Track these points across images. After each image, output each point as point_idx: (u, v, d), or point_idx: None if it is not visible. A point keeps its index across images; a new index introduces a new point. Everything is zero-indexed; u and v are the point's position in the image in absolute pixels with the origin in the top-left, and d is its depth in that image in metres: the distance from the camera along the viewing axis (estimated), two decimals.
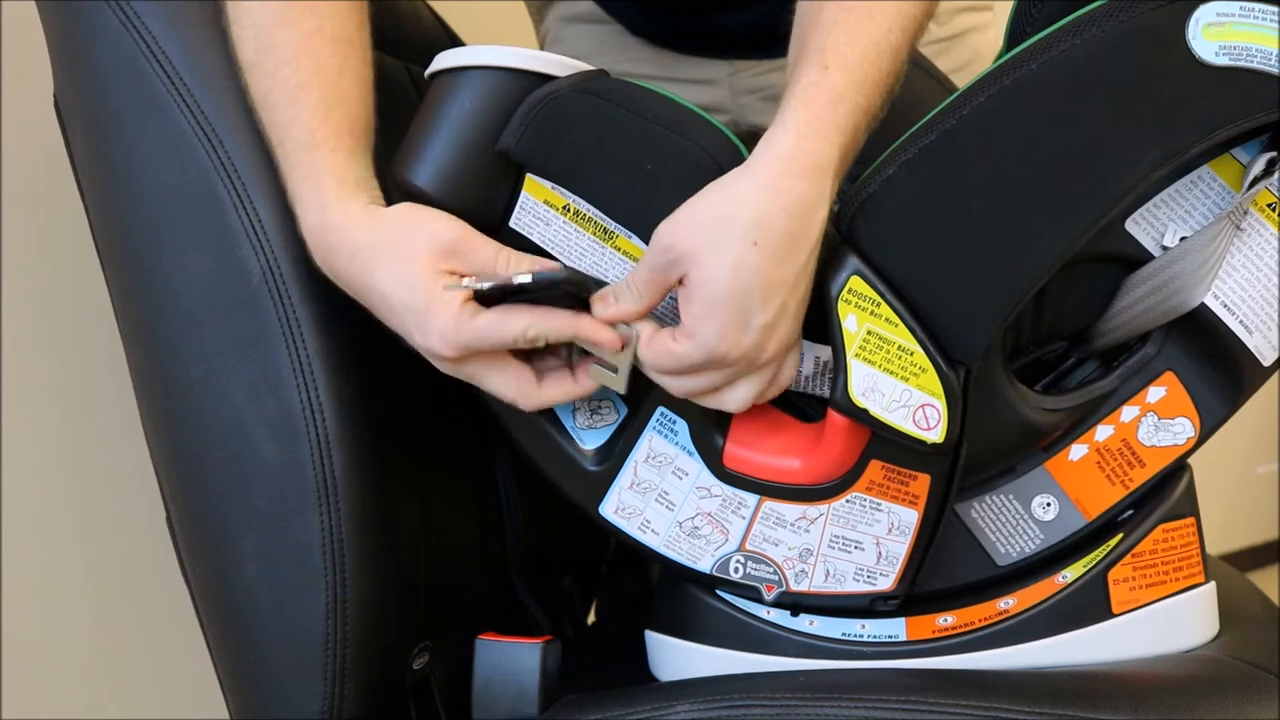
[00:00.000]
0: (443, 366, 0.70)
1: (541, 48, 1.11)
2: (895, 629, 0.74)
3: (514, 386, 0.70)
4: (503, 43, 0.71)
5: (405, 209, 0.70)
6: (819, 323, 0.69)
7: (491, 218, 0.71)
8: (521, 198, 0.71)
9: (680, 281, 0.66)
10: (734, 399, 0.69)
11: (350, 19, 0.73)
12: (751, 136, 0.70)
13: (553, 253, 0.71)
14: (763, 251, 0.65)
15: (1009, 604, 0.74)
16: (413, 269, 0.68)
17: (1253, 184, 0.68)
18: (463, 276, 0.68)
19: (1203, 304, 0.70)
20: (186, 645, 0.94)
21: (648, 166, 0.68)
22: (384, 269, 0.68)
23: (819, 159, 0.66)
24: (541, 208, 0.71)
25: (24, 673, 1.09)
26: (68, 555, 1.13)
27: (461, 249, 0.68)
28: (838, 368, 0.69)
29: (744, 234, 0.64)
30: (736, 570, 0.75)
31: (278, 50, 0.71)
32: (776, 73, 1.03)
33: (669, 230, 0.66)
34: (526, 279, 0.66)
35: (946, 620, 0.74)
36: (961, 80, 0.80)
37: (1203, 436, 0.73)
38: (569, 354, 0.72)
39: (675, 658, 0.77)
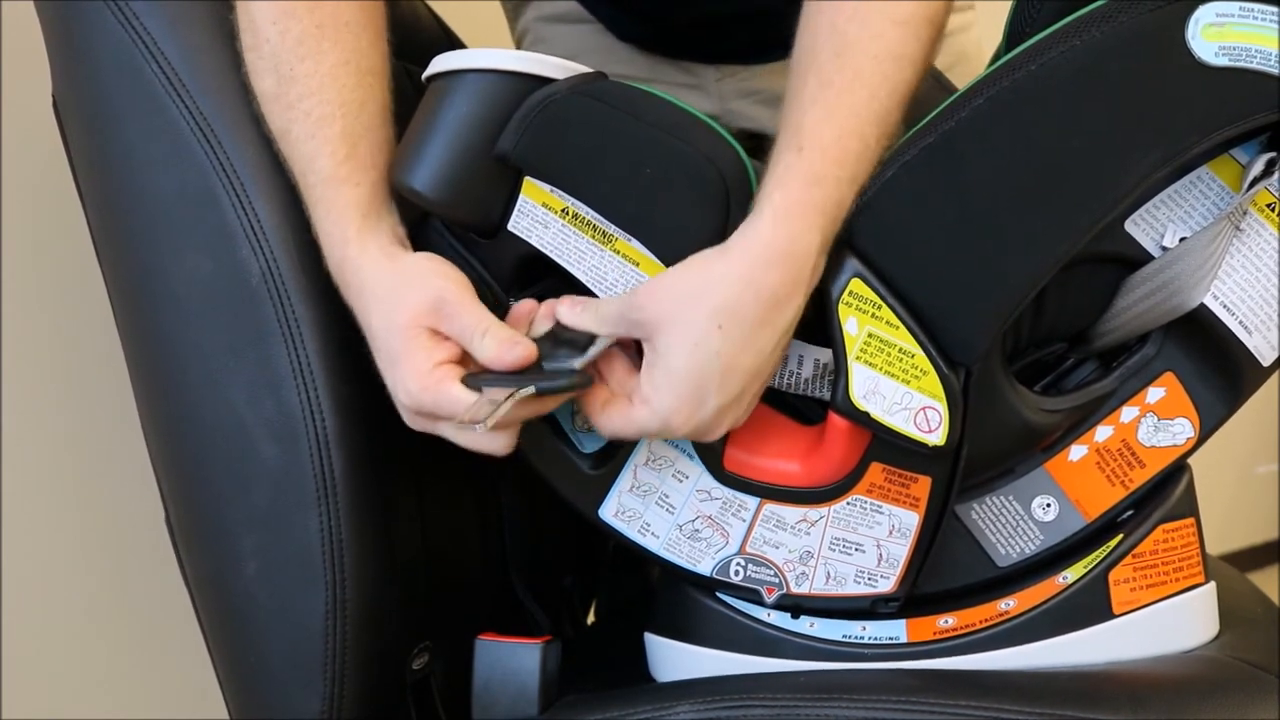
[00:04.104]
0: (407, 419, 0.71)
1: (519, 48, 1.11)
2: (896, 631, 0.74)
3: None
4: (501, 44, 0.71)
5: (420, 259, 0.71)
6: (819, 325, 0.69)
7: (489, 221, 0.71)
8: (520, 201, 0.71)
9: (644, 343, 0.67)
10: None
11: (375, 50, 0.74)
12: (741, 138, 0.70)
13: (551, 256, 0.71)
14: (726, 335, 0.65)
15: (1010, 605, 0.74)
16: (398, 318, 0.69)
17: (1252, 184, 0.68)
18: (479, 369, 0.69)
19: (1202, 304, 0.70)
20: (186, 645, 0.94)
21: (646, 170, 0.68)
22: (377, 311, 0.69)
23: (796, 246, 0.66)
24: (540, 211, 0.70)
25: (24, 673, 1.09)
26: (68, 555, 1.13)
27: (448, 310, 0.68)
28: (839, 371, 0.69)
29: (710, 316, 0.65)
30: (737, 573, 0.75)
31: (300, 83, 0.71)
32: (764, 76, 1.03)
33: (644, 292, 0.67)
34: (530, 390, 0.66)
35: (947, 622, 0.74)
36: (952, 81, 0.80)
37: (1202, 437, 0.73)
38: None
39: (675, 660, 0.77)
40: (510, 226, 0.71)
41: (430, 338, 0.69)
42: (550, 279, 0.73)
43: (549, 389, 0.68)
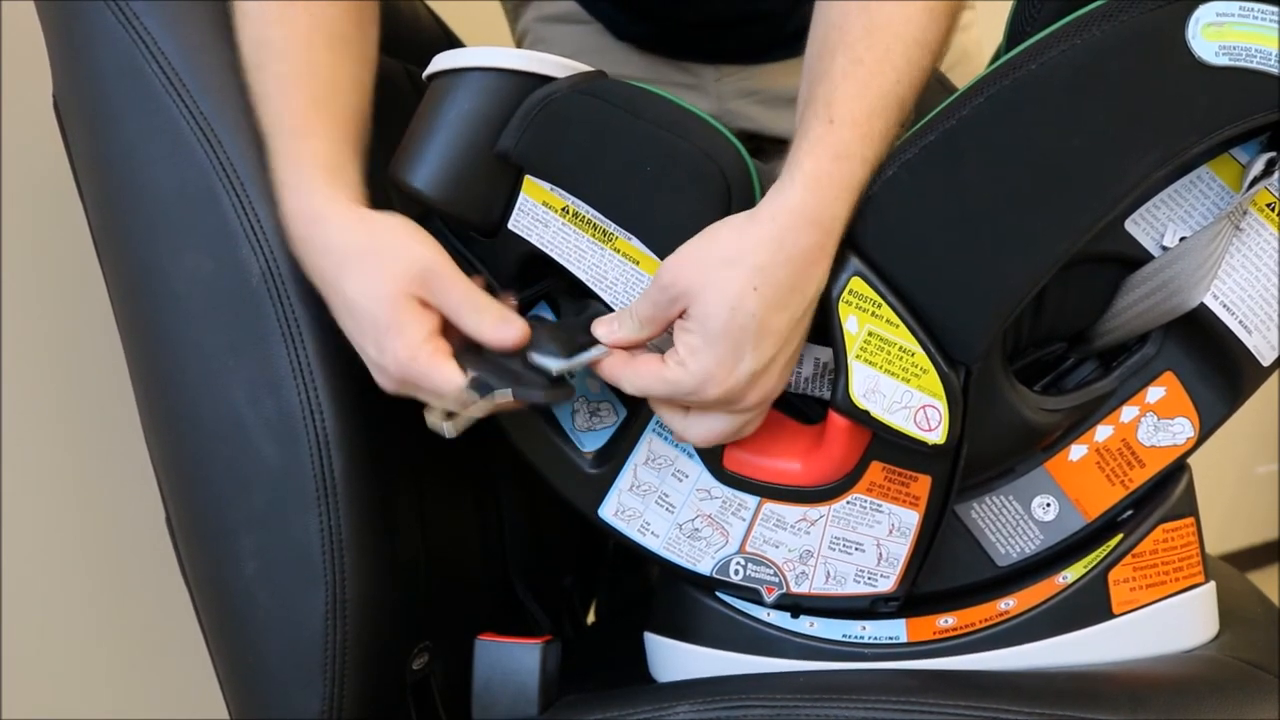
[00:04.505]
0: (384, 383, 0.71)
1: (518, 48, 1.11)
2: (896, 630, 0.74)
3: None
4: (501, 44, 0.71)
5: (393, 220, 0.70)
6: (820, 324, 0.69)
7: (490, 219, 0.71)
8: (520, 199, 0.71)
9: (681, 315, 0.67)
10: (698, 430, 0.70)
11: (348, 19, 0.74)
12: (740, 138, 0.70)
13: (552, 254, 0.71)
14: (762, 297, 0.65)
15: (1009, 605, 0.74)
16: (385, 285, 0.68)
17: (1252, 184, 0.68)
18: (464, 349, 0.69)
19: (1202, 304, 0.70)
20: (186, 645, 0.94)
21: (647, 168, 0.68)
22: (355, 276, 0.69)
23: (824, 215, 0.66)
24: (540, 209, 0.70)
25: (24, 673, 1.09)
26: (68, 555, 1.13)
27: (438, 283, 0.69)
28: (839, 369, 0.69)
29: (746, 278, 0.65)
30: (736, 572, 0.75)
31: (272, 46, 0.72)
32: (763, 77, 1.03)
33: (672, 267, 0.67)
34: (507, 395, 0.67)
35: (947, 621, 0.74)
36: (953, 80, 0.80)
37: (1202, 436, 0.73)
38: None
39: (675, 660, 0.77)
40: (510, 225, 0.71)
41: (419, 307, 0.69)
42: (550, 278, 0.73)
43: (526, 398, 0.68)
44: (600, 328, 0.70)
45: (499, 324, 0.68)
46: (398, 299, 0.68)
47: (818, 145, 0.66)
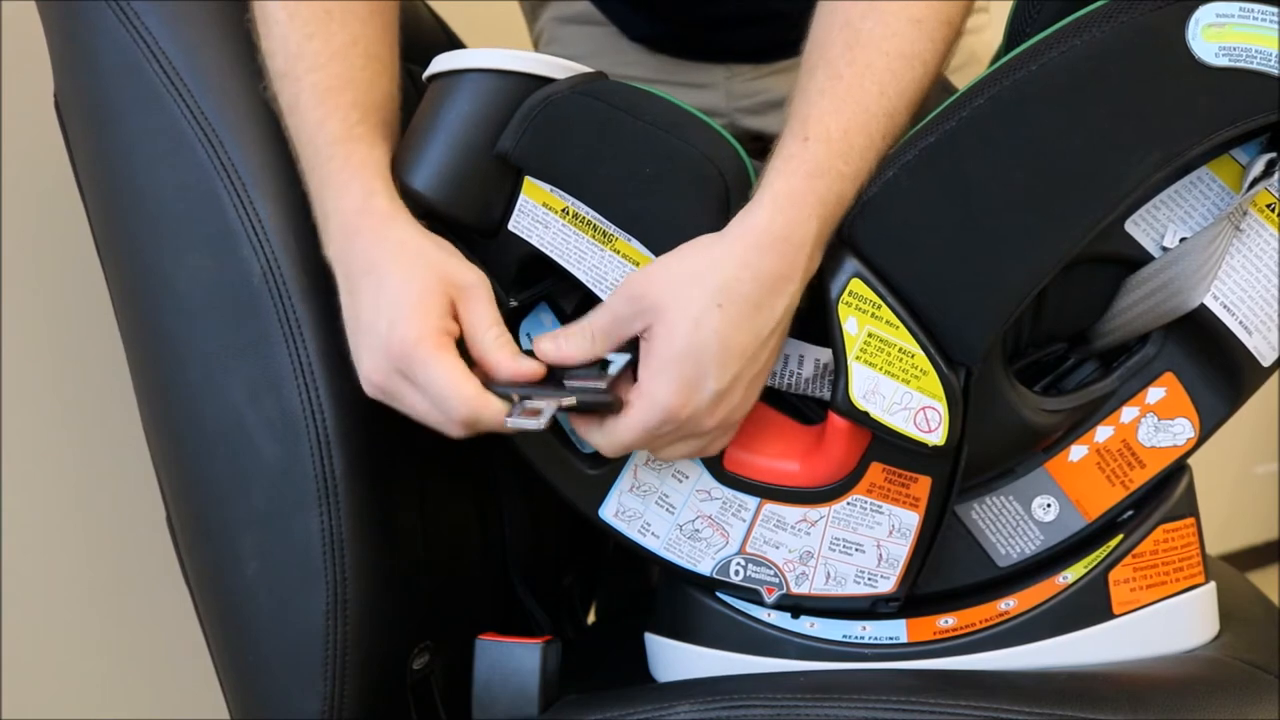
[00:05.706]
0: (372, 374, 0.68)
1: (535, 48, 1.12)
2: (896, 631, 0.74)
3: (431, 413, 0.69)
4: (502, 43, 0.71)
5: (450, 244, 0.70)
6: (819, 325, 0.69)
7: (490, 220, 0.71)
8: (520, 200, 0.71)
9: (642, 336, 0.67)
10: (667, 454, 0.70)
11: (382, 40, 0.74)
12: (746, 140, 0.70)
13: (552, 256, 0.71)
14: (725, 315, 0.65)
15: (1010, 605, 0.74)
16: (425, 272, 0.67)
17: (1252, 185, 0.68)
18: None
19: (1202, 305, 0.70)
20: (186, 645, 0.94)
21: (646, 170, 0.68)
22: (402, 261, 0.67)
23: (793, 234, 0.66)
24: (540, 210, 0.71)
25: (24, 673, 1.09)
26: (68, 555, 1.13)
27: (472, 293, 0.68)
28: (838, 370, 0.69)
29: (710, 295, 0.65)
30: (737, 573, 0.75)
31: (308, 59, 0.71)
32: (773, 77, 1.03)
33: (639, 280, 0.67)
34: (571, 401, 0.66)
35: (947, 622, 0.74)
36: (958, 81, 0.80)
37: (1202, 437, 0.73)
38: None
39: (675, 660, 0.77)
40: (510, 226, 0.71)
41: (447, 306, 0.67)
42: (551, 279, 0.73)
43: (589, 405, 0.67)
44: (544, 343, 0.69)
45: (517, 356, 0.68)
46: (431, 285, 0.67)
47: (790, 163, 0.67)
